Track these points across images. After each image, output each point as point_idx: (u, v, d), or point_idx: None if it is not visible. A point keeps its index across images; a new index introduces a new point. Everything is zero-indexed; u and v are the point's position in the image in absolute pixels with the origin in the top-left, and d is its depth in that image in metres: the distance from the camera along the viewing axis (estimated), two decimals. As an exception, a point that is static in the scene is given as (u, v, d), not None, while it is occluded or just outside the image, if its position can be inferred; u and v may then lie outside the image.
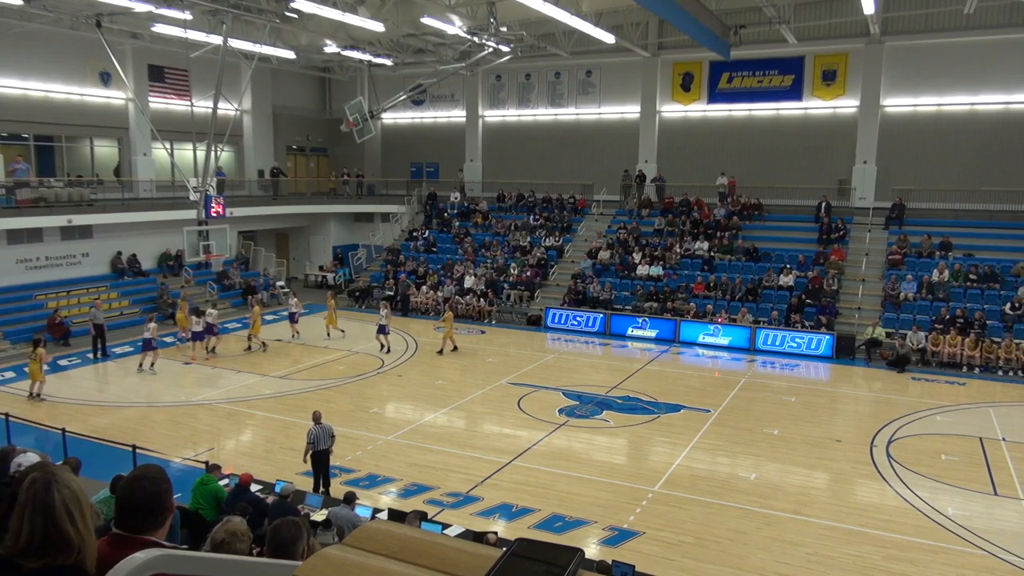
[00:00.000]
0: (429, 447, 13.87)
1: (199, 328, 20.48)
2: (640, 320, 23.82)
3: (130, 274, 26.18)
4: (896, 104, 26.58)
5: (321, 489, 11.66)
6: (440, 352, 21.21)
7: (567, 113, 32.41)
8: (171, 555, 1.98)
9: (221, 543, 3.71)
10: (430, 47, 29.66)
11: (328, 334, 22.96)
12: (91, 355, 20.53)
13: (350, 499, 9.74)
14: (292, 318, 23.08)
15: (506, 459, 13.27)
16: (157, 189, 28.72)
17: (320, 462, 11.78)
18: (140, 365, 19.14)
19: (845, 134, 27.19)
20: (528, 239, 29.40)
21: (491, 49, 24.47)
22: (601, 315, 24.38)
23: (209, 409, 16.21)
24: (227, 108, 24.40)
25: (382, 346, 21.30)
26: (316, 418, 12.00)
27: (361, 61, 30.79)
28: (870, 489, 12.31)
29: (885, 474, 12.81)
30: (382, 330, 21.23)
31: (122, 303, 24.64)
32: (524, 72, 32.65)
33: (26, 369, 17.10)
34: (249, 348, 21.50)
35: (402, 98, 27.54)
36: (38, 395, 16.49)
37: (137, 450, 11.77)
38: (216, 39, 22.11)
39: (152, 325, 19.27)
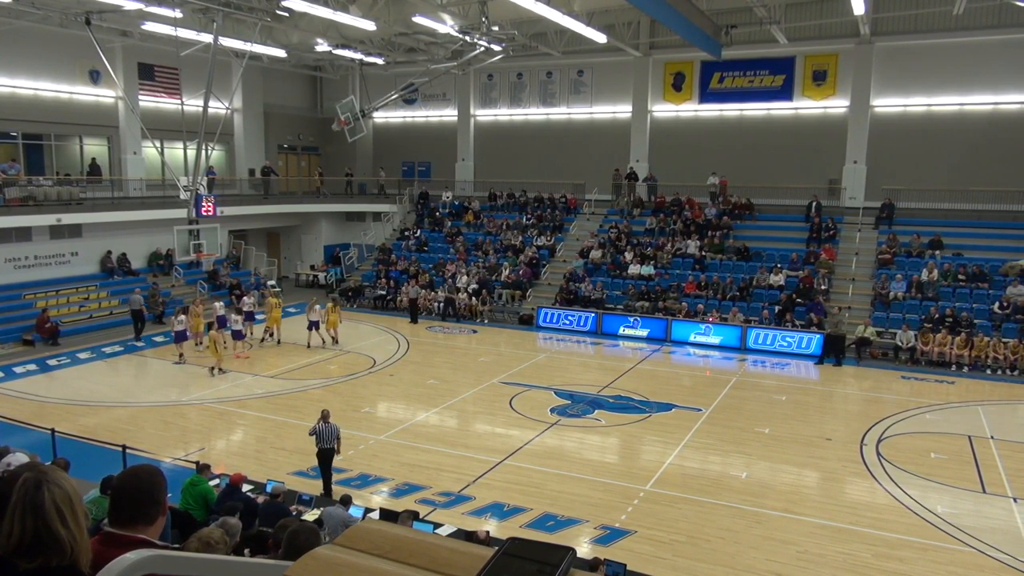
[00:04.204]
0: (421, 446, 13.86)
1: (182, 327, 20.08)
2: (631, 319, 23.86)
3: (120, 273, 26.03)
4: (886, 104, 26.72)
5: (322, 489, 11.63)
6: (336, 341, 21.82)
7: (559, 112, 32.42)
8: (162, 555, 1.97)
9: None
10: (422, 46, 29.61)
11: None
12: (132, 340, 21.73)
13: (346, 501, 9.74)
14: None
15: (498, 458, 13.28)
16: (147, 188, 28.57)
17: (323, 460, 11.78)
18: (213, 370, 18.94)
19: (835, 134, 27.30)
20: (520, 238, 29.40)
21: (483, 48, 24.45)
22: (593, 314, 24.41)
23: (200, 409, 16.14)
24: (218, 107, 24.30)
25: (309, 344, 21.52)
26: (324, 416, 11.97)
27: (352, 60, 30.72)
28: (860, 487, 12.37)
29: (875, 472, 12.88)
30: (312, 326, 21.56)
31: (112, 302, 24.49)
32: (516, 71, 32.65)
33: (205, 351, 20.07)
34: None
35: (394, 97, 27.49)
36: (221, 370, 18.60)
37: (127, 450, 11.73)
38: (207, 37, 22.02)
39: (182, 317, 19.92)
